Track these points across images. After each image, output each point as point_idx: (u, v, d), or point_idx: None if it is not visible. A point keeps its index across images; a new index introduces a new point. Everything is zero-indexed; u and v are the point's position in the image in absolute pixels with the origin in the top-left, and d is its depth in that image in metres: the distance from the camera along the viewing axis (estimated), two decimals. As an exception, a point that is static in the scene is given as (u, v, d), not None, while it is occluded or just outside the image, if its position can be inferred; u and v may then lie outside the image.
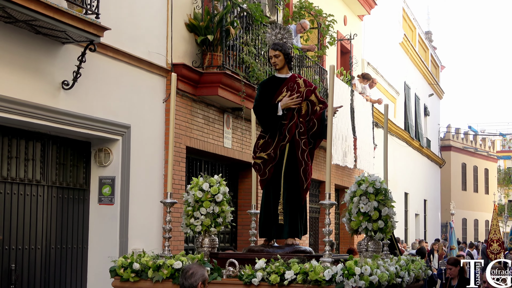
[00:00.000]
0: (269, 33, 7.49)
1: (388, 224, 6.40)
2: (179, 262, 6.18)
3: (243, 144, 13.44)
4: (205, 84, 11.69)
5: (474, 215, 48.54)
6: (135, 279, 6.35)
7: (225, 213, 6.70)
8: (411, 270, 6.57)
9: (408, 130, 29.00)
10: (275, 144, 7.14)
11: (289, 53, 7.32)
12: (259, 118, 7.33)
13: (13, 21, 7.90)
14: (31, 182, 9.06)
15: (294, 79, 7.30)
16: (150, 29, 10.77)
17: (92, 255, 9.95)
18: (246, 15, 12.55)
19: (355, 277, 5.58)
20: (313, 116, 7.19)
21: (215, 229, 6.65)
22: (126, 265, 6.40)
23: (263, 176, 7.23)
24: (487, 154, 51.47)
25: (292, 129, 7.12)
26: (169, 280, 6.20)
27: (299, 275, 5.74)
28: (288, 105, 7.11)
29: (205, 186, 6.58)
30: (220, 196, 6.63)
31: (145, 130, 10.56)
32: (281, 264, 5.87)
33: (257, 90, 7.52)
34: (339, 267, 5.67)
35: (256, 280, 5.85)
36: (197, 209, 6.59)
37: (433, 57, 37.43)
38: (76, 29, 8.34)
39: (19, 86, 8.18)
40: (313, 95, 7.26)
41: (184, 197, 6.69)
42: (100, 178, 10.04)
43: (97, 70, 9.48)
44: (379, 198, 6.37)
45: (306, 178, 7.12)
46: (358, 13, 21.90)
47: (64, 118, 8.90)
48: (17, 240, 8.79)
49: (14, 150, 8.82)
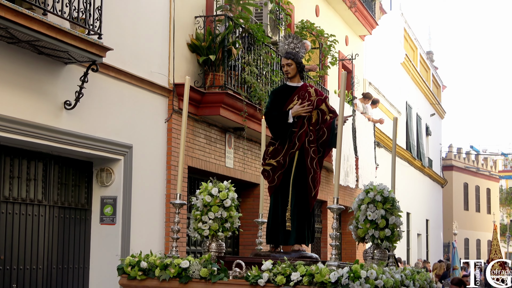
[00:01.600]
0: (282, 42, 7.54)
1: (395, 233, 6.39)
2: (186, 262, 6.18)
3: (245, 164, 13.43)
4: (207, 104, 11.70)
5: (476, 235, 48.44)
6: (142, 277, 6.34)
7: (233, 218, 6.70)
8: (416, 280, 6.56)
9: (410, 150, 28.99)
10: (285, 151, 7.18)
11: (301, 62, 7.37)
12: (269, 125, 7.35)
13: (15, 41, 7.92)
14: (33, 202, 9.05)
15: (305, 88, 7.35)
16: (152, 49, 10.80)
17: (94, 275, 9.93)
18: (248, 35, 12.59)
19: (360, 280, 5.57)
20: (323, 125, 7.23)
21: (222, 234, 6.64)
22: (134, 263, 6.40)
23: (271, 183, 7.24)
24: (489, 174, 51.43)
25: (302, 137, 7.16)
26: (175, 279, 6.19)
27: (305, 277, 5.73)
28: (299, 113, 7.15)
29: (214, 191, 6.59)
30: (228, 201, 6.62)
31: (147, 150, 10.56)
32: (288, 265, 5.87)
33: (269, 97, 7.58)
34: (345, 269, 5.67)
35: (262, 281, 5.84)
36: (205, 213, 6.59)
37: (435, 77, 37.48)
38: (78, 50, 8.37)
39: (21, 106, 8.19)
40: (324, 104, 7.30)
41: (193, 201, 6.70)
42: (102, 198, 10.04)
43: (100, 90, 9.50)
44: (386, 207, 6.35)
45: (315, 185, 7.15)
46: (359, 33, 21.96)
47: (66, 138, 8.90)
48: (18, 260, 8.77)
49: (16, 170, 8.82)
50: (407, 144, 28.80)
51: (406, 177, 27.09)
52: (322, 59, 17.18)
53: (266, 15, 14.09)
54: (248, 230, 13.12)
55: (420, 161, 31.18)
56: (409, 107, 29.73)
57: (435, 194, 36.40)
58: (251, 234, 8.19)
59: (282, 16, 14.56)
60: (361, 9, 20.64)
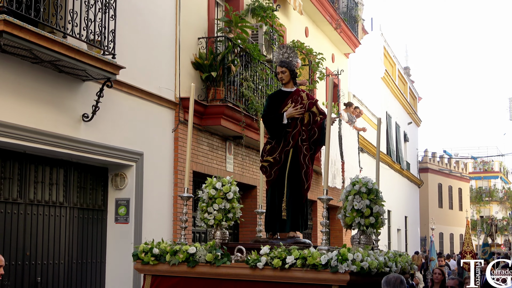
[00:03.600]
0: (277, 52, 7.52)
1: (378, 220, 6.42)
2: (193, 248, 6.19)
3: (244, 168, 13.42)
4: (209, 115, 11.70)
5: (449, 229, 48.37)
6: (154, 262, 6.35)
7: (235, 209, 6.71)
8: (398, 262, 6.56)
9: (390, 155, 28.97)
10: (280, 149, 7.16)
11: (294, 69, 7.35)
12: (266, 126, 7.34)
13: (39, 61, 7.93)
14: (55, 204, 9.04)
15: (298, 92, 7.33)
16: (160, 67, 10.81)
17: (109, 268, 9.91)
18: (245, 54, 12.59)
19: (348, 262, 5.58)
20: (314, 125, 7.21)
21: (226, 223, 6.66)
22: (147, 250, 6.41)
23: (269, 177, 7.23)
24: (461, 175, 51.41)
25: (296, 136, 7.14)
26: (184, 264, 6.20)
27: (299, 260, 5.75)
28: (292, 115, 7.14)
29: (218, 185, 6.60)
30: (231, 194, 6.64)
31: (156, 157, 10.55)
32: (283, 250, 5.88)
33: (266, 101, 7.58)
34: (334, 253, 5.68)
35: (261, 264, 5.86)
36: (211, 205, 6.61)
37: (411, 90, 37.49)
38: (95, 68, 8.38)
39: (44, 119, 8.19)
40: (315, 107, 7.29)
41: (199, 195, 6.72)
42: (116, 200, 10.02)
43: (114, 104, 9.50)
44: (371, 197, 6.38)
45: (307, 179, 7.14)
46: (344, 51, 21.98)
47: (84, 146, 8.90)
48: (42, 255, 8.76)
49: (40, 176, 8.81)
50: (388, 149, 28.79)
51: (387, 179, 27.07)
52: (311, 74, 17.21)
53: (261, 36, 14.09)
54: (247, 227, 13.14)
55: (399, 164, 31.16)
56: (389, 117, 29.73)
57: (413, 194, 36.37)
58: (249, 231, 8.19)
59: (275, 37, 14.56)
60: (345, 30, 20.67)
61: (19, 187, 8.47)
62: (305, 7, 17.28)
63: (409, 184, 34.91)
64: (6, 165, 8.31)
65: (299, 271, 5.74)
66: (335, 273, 5.60)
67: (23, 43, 7.24)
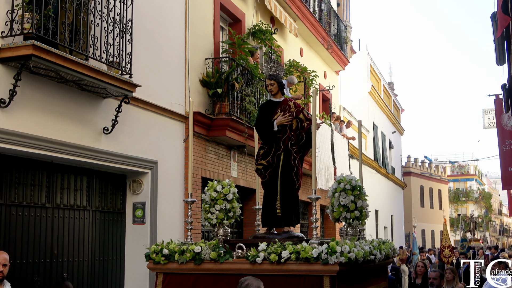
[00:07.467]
0: (265, 66, 7.49)
1: (363, 214, 6.42)
2: (198, 247, 6.16)
3: (247, 174, 13.41)
4: (216, 127, 11.70)
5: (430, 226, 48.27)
6: (164, 262, 6.32)
7: (235, 208, 6.69)
8: (382, 250, 6.54)
9: (377, 160, 28.95)
10: (273, 153, 7.11)
11: (281, 81, 7.28)
12: (259, 133, 7.30)
13: (63, 81, 7.94)
14: (79, 208, 9.03)
15: (286, 102, 7.28)
16: (172, 85, 10.82)
17: (128, 265, 9.89)
18: (247, 72, 12.61)
19: (336, 254, 5.56)
20: (302, 130, 7.19)
21: (227, 222, 6.65)
22: (158, 250, 6.38)
23: (263, 179, 7.19)
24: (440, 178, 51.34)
25: (286, 141, 7.10)
26: (191, 262, 6.18)
27: (293, 254, 5.73)
28: (282, 122, 7.11)
29: (219, 188, 6.59)
30: (230, 195, 6.63)
31: (169, 165, 10.54)
32: (279, 246, 5.86)
33: (258, 111, 7.51)
34: (324, 246, 5.65)
35: (259, 259, 5.84)
36: (213, 206, 6.58)
37: (395, 102, 37.50)
38: (113, 87, 8.39)
39: (69, 132, 8.19)
40: (302, 114, 7.26)
41: (202, 197, 6.69)
42: (134, 203, 10.01)
43: (131, 118, 9.50)
44: (355, 193, 6.38)
45: (298, 179, 7.08)
46: (335, 69, 21.99)
47: (105, 156, 8.90)
48: (68, 253, 8.75)
49: (66, 182, 8.81)
50: (375, 156, 28.77)
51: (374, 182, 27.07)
52: (306, 90, 17.21)
53: (261, 56, 14.11)
54: (250, 226, 13.10)
55: (385, 169, 31.14)
56: (376, 127, 29.73)
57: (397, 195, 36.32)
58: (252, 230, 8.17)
59: (274, 56, 14.58)
60: (336, 50, 20.70)
61: (47, 193, 8.46)
62: (300, 30, 17.31)
63: (394, 186, 34.86)
64: (36, 173, 8.31)
65: (294, 264, 5.72)
66: (325, 265, 5.57)
67: (50, 65, 7.25)
